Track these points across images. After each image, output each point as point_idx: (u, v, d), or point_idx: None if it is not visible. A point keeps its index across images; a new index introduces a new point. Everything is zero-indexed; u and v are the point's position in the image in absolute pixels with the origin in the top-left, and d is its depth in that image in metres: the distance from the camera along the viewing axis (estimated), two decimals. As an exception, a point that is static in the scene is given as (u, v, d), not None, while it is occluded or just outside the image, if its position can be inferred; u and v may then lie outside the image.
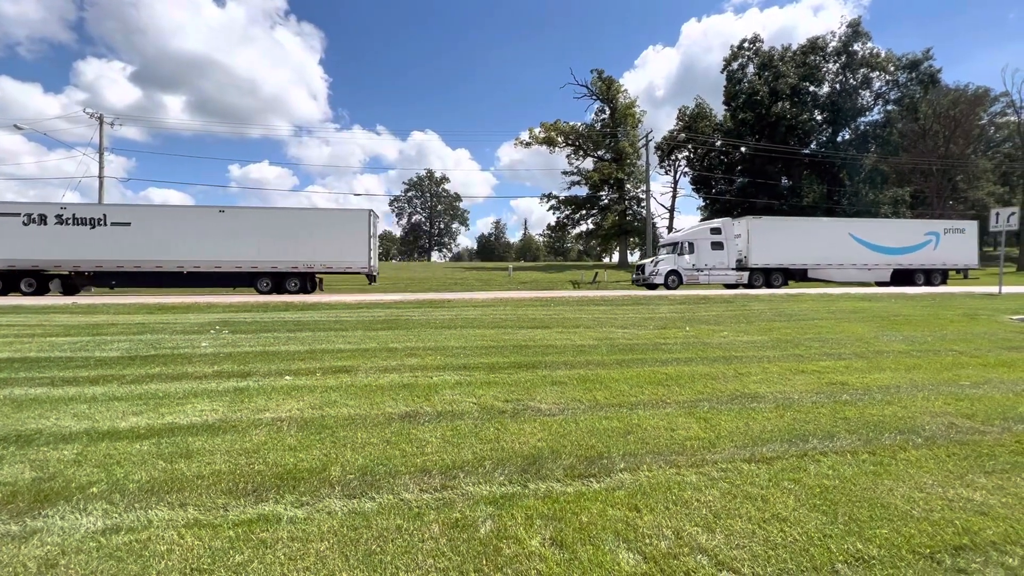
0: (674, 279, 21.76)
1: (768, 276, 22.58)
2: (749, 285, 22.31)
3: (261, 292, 19.04)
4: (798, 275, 23.03)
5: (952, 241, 23.93)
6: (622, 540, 2.34)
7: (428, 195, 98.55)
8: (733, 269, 22.26)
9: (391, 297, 15.38)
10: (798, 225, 25.15)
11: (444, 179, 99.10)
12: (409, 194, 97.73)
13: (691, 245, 22.21)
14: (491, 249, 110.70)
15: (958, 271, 24.85)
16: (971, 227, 24.82)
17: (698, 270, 21.99)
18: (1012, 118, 47.97)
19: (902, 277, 23.83)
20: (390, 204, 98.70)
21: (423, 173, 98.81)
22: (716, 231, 22.46)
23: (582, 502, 2.70)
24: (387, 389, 4.88)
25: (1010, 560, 2.21)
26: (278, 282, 19.36)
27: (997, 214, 15.69)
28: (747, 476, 3.03)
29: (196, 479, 2.95)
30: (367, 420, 4.01)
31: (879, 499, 2.75)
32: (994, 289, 17.13)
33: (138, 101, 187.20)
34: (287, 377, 5.32)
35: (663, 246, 24.35)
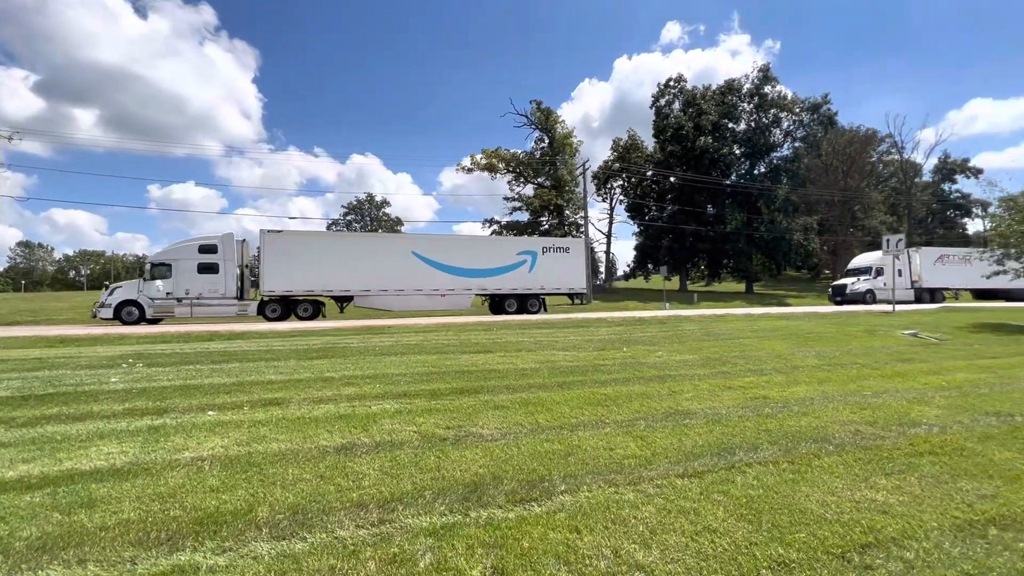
0: (130, 311, 16.19)
1: (293, 306, 17.93)
2: (261, 315, 17.44)
3: None
4: (343, 302, 19.19)
5: (553, 262, 20.86)
6: (563, 563, 2.35)
7: (368, 219, 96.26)
8: (235, 297, 17.17)
9: (329, 324, 14.76)
10: (337, 243, 20.50)
11: (385, 203, 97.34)
12: (348, 218, 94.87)
13: (168, 267, 16.63)
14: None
15: (571, 296, 21.82)
16: (576, 246, 21.73)
17: (177, 300, 16.58)
18: (896, 156, 54.85)
19: (491, 303, 20.93)
20: (328, 228, 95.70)
21: (363, 196, 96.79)
22: (209, 250, 16.99)
23: (524, 527, 2.69)
24: (322, 421, 4.66)
25: (907, 554, 2.44)
26: None
27: (887, 240, 17.67)
28: (681, 491, 3.15)
29: (99, 531, 2.66)
30: (299, 455, 3.80)
31: (797, 505, 2.95)
32: (886, 308, 19.14)
33: (42, 113, 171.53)
34: (210, 412, 4.94)
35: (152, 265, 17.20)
